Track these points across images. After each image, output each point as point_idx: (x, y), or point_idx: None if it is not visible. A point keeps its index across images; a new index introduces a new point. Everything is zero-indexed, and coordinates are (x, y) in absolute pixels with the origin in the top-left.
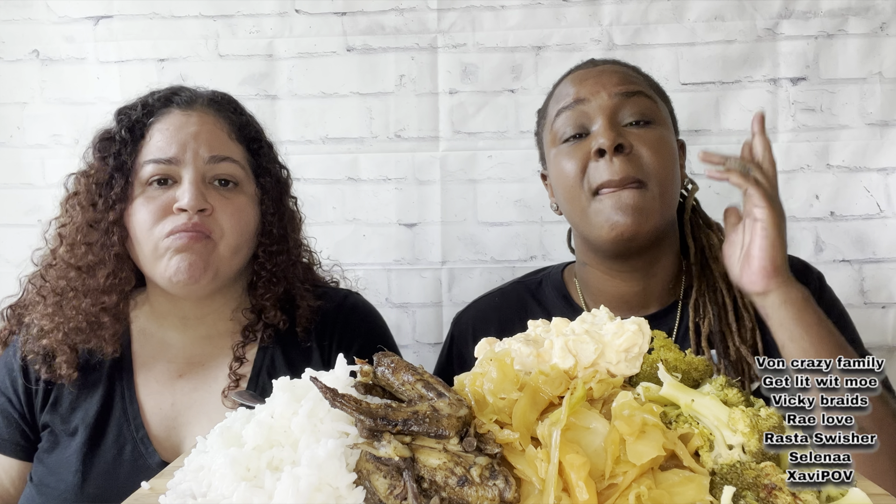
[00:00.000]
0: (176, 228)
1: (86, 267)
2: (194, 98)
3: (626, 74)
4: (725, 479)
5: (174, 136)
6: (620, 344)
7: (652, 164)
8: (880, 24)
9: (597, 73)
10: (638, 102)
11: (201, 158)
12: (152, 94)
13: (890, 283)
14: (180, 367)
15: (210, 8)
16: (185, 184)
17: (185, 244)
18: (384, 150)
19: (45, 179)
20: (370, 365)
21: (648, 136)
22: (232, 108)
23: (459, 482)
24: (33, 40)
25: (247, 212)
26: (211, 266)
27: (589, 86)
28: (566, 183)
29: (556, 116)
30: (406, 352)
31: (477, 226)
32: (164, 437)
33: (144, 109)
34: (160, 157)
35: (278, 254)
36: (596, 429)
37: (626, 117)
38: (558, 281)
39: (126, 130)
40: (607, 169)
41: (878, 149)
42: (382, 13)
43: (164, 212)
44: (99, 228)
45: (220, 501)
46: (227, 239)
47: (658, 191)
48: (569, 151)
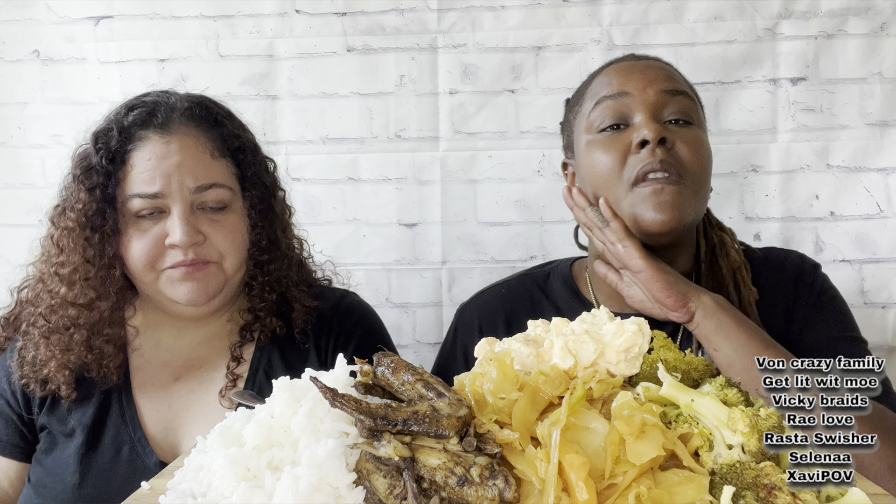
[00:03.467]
0: (175, 264)
1: (87, 303)
2: (170, 116)
3: (670, 73)
4: (725, 479)
5: (157, 168)
6: (620, 344)
7: (691, 162)
8: (880, 24)
9: (641, 67)
10: (681, 102)
11: (187, 189)
12: (126, 112)
13: (890, 283)
14: (177, 370)
15: (210, 8)
16: (175, 219)
17: (187, 274)
18: (384, 150)
19: (46, 179)
20: (370, 365)
21: (689, 135)
22: (211, 120)
23: (459, 482)
24: (34, 40)
25: (239, 229)
26: (219, 285)
27: (635, 80)
28: (601, 171)
29: (595, 105)
30: (406, 352)
31: (477, 226)
32: (162, 437)
33: (122, 135)
34: (145, 192)
35: (270, 262)
36: (596, 429)
37: (668, 115)
38: (567, 275)
39: (107, 160)
40: (650, 157)
41: (878, 149)
42: (383, 13)
43: (159, 247)
44: (97, 264)
45: (220, 501)
46: (228, 259)
47: (694, 188)
48: (607, 141)
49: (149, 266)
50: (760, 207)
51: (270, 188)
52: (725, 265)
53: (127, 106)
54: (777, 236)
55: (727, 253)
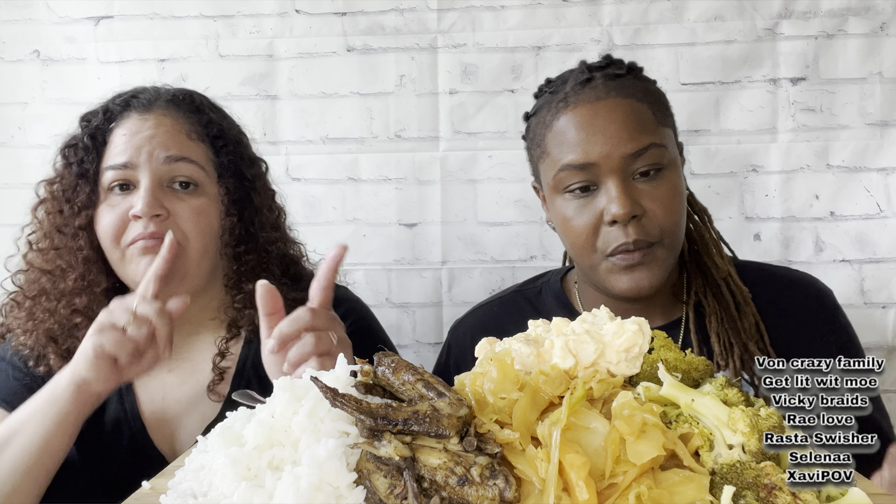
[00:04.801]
0: (136, 237)
1: (56, 270)
2: (154, 99)
3: (636, 122)
4: (725, 479)
5: (130, 141)
6: (621, 344)
7: (665, 222)
8: (880, 24)
9: (603, 125)
10: (649, 157)
11: (156, 160)
12: (115, 97)
13: (890, 283)
14: (170, 363)
15: (210, 8)
16: (141, 190)
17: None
18: (384, 150)
19: None
20: (370, 364)
21: (660, 191)
22: (193, 107)
23: (460, 482)
24: (34, 40)
25: (207, 213)
26: (178, 269)
27: (598, 146)
28: (574, 239)
29: (559, 169)
30: (406, 352)
31: (477, 226)
32: (157, 428)
33: (106, 115)
34: (117, 163)
35: (245, 253)
36: (596, 428)
37: (637, 168)
38: (558, 290)
39: (88, 137)
40: (622, 235)
41: (878, 149)
42: (382, 13)
43: (124, 220)
44: (66, 233)
45: (220, 501)
46: (192, 242)
47: (669, 243)
48: (577, 207)
49: (115, 240)
50: (760, 207)
51: (252, 181)
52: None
53: (117, 93)
54: (777, 236)
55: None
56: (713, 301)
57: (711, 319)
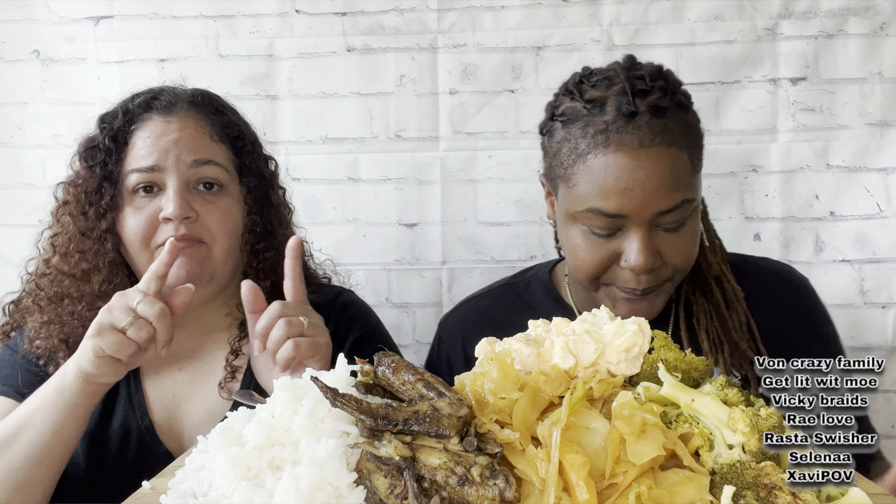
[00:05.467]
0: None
1: (80, 274)
2: (174, 101)
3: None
4: (725, 479)
5: (155, 144)
6: (621, 344)
7: (680, 266)
8: (880, 24)
9: (644, 176)
10: (680, 212)
11: (184, 163)
12: (133, 98)
13: (890, 283)
14: (180, 360)
15: (210, 8)
16: (170, 192)
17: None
18: (384, 150)
19: (46, 179)
20: (371, 364)
21: (681, 239)
22: (213, 108)
23: (460, 482)
24: (33, 40)
25: (233, 213)
26: (207, 270)
27: (633, 202)
28: (580, 265)
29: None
30: (406, 352)
31: (477, 226)
32: (167, 427)
33: (126, 116)
34: (143, 166)
35: (265, 251)
36: (596, 428)
37: (664, 223)
38: (547, 282)
39: (109, 139)
40: (632, 280)
41: (878, 149)
42: (382, 13)
43: (153, 222)
44: (91, 237)
45: (220, 501)
46: (219, 242)
47: (678, 279)
48: (593, 243)
49: (144, 243)
50: (760, 207)
51: (269, 179)
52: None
53: (134, 93)
54: (777, 236)
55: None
56: (702, 298)
57: (700, 317)
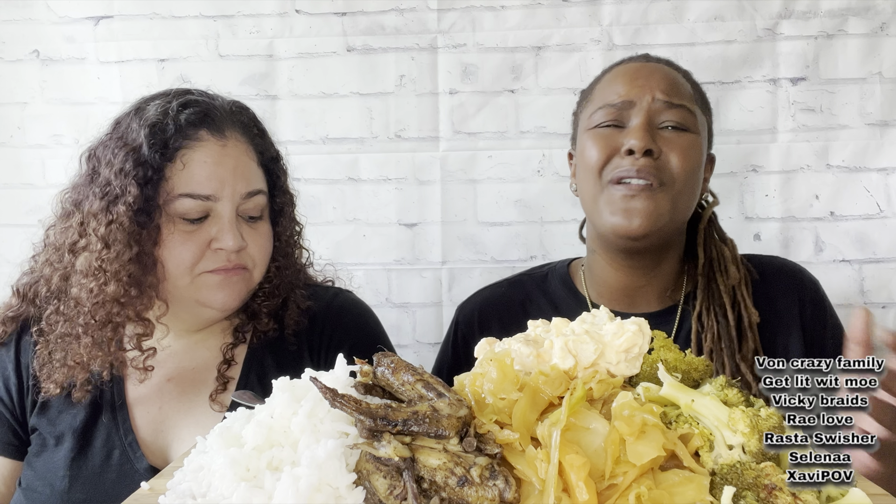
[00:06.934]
0: (219, 269)
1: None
2: (223, 119)
3: (675, 83)
4: (725, 480)
5: (214, 172)
6: (620, 344)
7: (676, 168)
8: (880, 24)
9: (648, 71)
10: (678, 113)
11: (238, 195)
12: (178, 110)
13: (890, 283)
14: (169, 371)
15: (210, 8)
16: (224, 223)
17: (225, 279)
18: (384, 150)
19: (46, 179)
20: (370, 365)
21: (679, 140)
22: (255, 129)
23: (459, 482)
24: (34, 40)
25: (270, 237)
26: (247, 294)
27: (638, 86)
28: (587, 165)
29: (598, 109)
30: (406, 352)
31: (477, 226)
32: (152, 440)
33: (177, 132)
34: (200, 194)
35: (285, 268)
36: (596, 429)
37: (663, 121)
38: (564, 273)
39: (160, 156)
40: (630, 166)
41: (878, 149)
42: (382, 13)
43: (203, 249)
44: (142, 262)
45: (219, 502)
46: (258, 268)
47: (673, 194)
48: (599, 136)
49: (189, 269)
50: (760, 207)
51: (291, 195)
52: (723, 282)
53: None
54: (777, 236)
55: (726, 268)
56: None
57: (707, 336)
